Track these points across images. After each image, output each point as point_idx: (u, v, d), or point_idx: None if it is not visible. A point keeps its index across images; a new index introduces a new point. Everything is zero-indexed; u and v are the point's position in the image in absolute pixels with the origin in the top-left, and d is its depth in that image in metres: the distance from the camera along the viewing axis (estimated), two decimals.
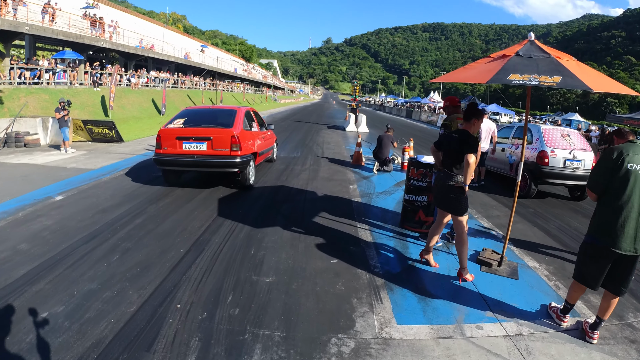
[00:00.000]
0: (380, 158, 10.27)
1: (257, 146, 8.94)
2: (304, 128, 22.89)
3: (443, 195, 4.47)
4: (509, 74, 3.68)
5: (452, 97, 5.55)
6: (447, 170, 4.43)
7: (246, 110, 9.04)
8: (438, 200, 4.63)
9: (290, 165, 10.92)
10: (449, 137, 4.50)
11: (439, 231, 4.86)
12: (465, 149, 4.18)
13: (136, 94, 29.00)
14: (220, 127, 7.95)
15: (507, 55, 4.14)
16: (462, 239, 4.46)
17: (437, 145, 4.63)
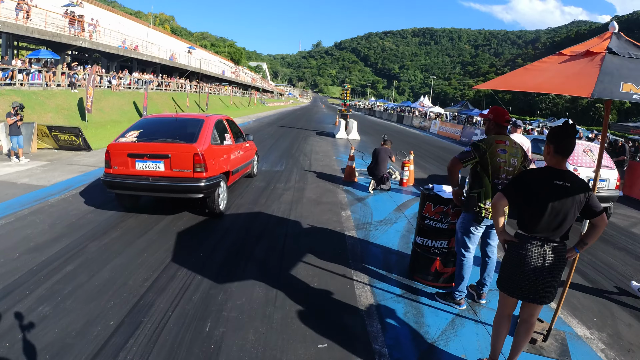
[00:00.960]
0: (377, 175, 8.80)
1: (230, 163, 7.44)
2: (291, 134, 21.37)
3: (549, 279, 2.80)
4: (619, 83, 2.29)
5: (500, 109, 4.05)
6: (551, 239, 2.81)
7: (217, 119, 7.52)
8: (539, 287, 2.82)
9: (273, 182, 9.40)
10: (544, 184, 2.73)
11: (507, 329, 3.16)
12: (593, 206, 2.74)
13: (117, 96, 27.63)
14: (181, 141, 6.43)
15: (593, 52, 2.74)
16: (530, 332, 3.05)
17: (519, 196, 2.82)
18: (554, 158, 2.77)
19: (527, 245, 2.80)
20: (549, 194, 2.70)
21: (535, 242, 2.78)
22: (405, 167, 9.75)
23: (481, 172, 3.86)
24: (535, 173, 2.83)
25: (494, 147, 3.76)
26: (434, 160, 15.77)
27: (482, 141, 3.86)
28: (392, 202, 8.22)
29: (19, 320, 3.50)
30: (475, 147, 3.85)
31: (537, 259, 2.78)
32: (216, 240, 5.64)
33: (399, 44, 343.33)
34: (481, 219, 3.89)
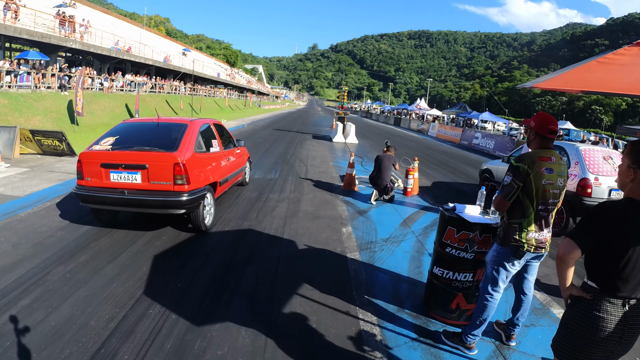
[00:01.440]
0: (380, 185, 8.04)
1: (217, 173, 6.69)
2: (286, 138, 20.61)
3: (627, 346, 2.14)
4: None
5: (546, 115, 3.26)
6: (633, 296, 2.06)
7: (203, 124, 6.76)
8: (613, 357, 2.16)
9: (266, 191, 8.61)
10: (635, 223, 2.02)
11: None
12: None
13: (108, 98, 27.01)
14: (159, 150, 5.67)
15: None
16: None
17: (598, 242, 2.08)
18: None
19: (603, 305, 2.04)
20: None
21: (615, 300, 2.03)
22: (410, 175, 9.00)
23: (523, 197, 3.10)
24: (620, 208, 2.06)
25: (538, 167, 3.00)
26: (437, 165, 15.04)
27: (522, 160, 3.09)
28: (397, 215, 7.47)
29: None
30: (515, 172, 3.08)
31: (616, 322, 2.02)
32: (198, 265, 4.85)
33: (394, 46, 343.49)
34: (522, 253, 3.14)
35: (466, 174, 13.76)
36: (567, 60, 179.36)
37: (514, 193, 3.09)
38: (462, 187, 11.33)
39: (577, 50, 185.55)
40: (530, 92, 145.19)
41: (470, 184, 11.84)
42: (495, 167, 10.20)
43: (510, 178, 3.10)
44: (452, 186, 11.28)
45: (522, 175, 3.02)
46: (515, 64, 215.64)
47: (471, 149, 24.23)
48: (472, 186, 11.50)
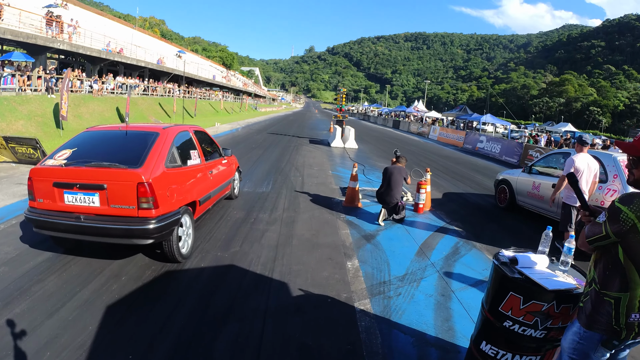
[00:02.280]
0: (389, 203, 6.85)
1: (197, 190, 5.58)
2: (281, 143, 19.39)
3: None
4: None
5: None
6: None
7: (179, 132, 5.60)
8: None
9: (255, 209, 7.38)
10: None
11: None
12: None
13: (98, 101, 25.90)
14: (121, 166, 4.56)
15: None
16: None
17: None
18: None
19: None
20: None
21: None
22: (422, 189, 7.81)
23: (625, 261, 1.93)
24: None
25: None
26: (444, 173, 13.87)
27: (628, 201, 1.92)
28: (411, 241, 6.27)
29: None
30: (613, 217, 1.91)
31: None
32: (160, 322, 3.64)
33: (391, 48, 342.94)
34: (616, 345, 1.97)
35: (477, 183, 12.60)
36: (564, 61, 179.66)
37: (601, 241, 1.99)
38: (476, 199, 10.15)
39: (574, 51, 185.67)
40: (527, 93, 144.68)
41: (483, 195, 10.68)
42: (515, 179, 9.05)
43: (604, 219, 1.92)
44: (465, 198, 10.10)
45: (621, 226, 1.86)
46: (512, 66, 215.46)
47: (475, 154, 23.10)
48: (487, 198, 10.33)
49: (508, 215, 8.65)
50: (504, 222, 8.13)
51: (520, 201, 8.84)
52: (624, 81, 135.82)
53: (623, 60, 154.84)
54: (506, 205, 9.22)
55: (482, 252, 6.11)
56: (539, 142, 25.17)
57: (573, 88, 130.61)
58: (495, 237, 6.96)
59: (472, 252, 6.07)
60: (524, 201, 8.69)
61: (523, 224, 8.02)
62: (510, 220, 8.27)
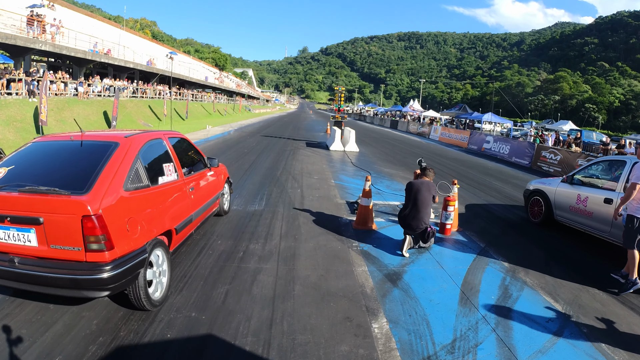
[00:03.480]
0: (416, 228, 5.39)
1: (174, 214, 4.28)
2: (276, 147, 17.87)
3: None
4: None
5: None
6: None
7: (148, 140, 4.27)
8: None
9: (244, 237, 5.84)
10: None
11: None
12: None
13: (84, 105, 24.50)
14: (61, 191, 3.24)
15: None
16: None
17: None
18: None
19: None
20: None
21: None
22: (450, 206, 6.35)
23: None
24: None
25: None
26: (458, 179, 12.43)
27: None
28: (447, 279, 4.82)
29: None
30: None
31: None
32: None
33: (384, 48, 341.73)
34: None
35: (496, 191, 11.19)
36: (557, 59, 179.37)
37: None
38: (503, 212, 8.73)
39: (567, 49, 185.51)
40: (522, 91, 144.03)
41: (508, 207, 9.27)
42: (552, 190, 7.65)
43: None
44: (491, 211, 8.67)
45: None
46: (506, 64, 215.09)
47: (482, 155, 21.72)
48: (514, 210, 8.92)
49: (547, 234, 7.24)
50: (545, 243, 6.71)
51: (559, 216, 7.45)
52: (618, 78, 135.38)
53: (616, 57, 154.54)
54: (541, 220, 7.84)
55: (536, 292, 4.73)
56: (546, 142, 23.84)
57: (568, 85, 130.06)
58: (545, 267, 5.56)
59: (525, 294, 4.67)
60: (564, 217, 7.30)
61: (569, 246, 6.62)
62: (552, 241, 6.87)
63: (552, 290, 4.85)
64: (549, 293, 4.76)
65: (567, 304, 4.52)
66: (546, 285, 4.97)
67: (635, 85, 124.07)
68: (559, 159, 16.37)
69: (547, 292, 4.79)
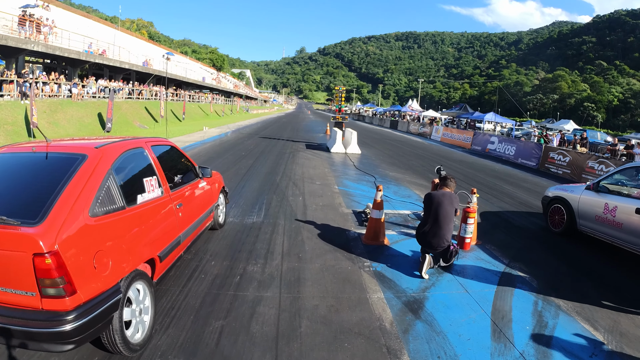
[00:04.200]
0: (437, 247, 4.76)
1: (156, 239, 3.64)
2: (275, 149, 17.23)
3: None
4: None
5: None
6: None
7: (125, 151, 3.64)
8: None
9: (242, 257, 5.18)
10: None
11: None
12: None
13: (78, 107, 23.98)
14: (9, 221, 2.56)
15: None
16: None
17: None
18: None
19: None
20: None
21: None
22: (470, 218, 5.72)
23: None
24: None
25: None
26: (467, 183, 11.82)
27: None
28: (475, 307, 4.20)
29: None
30: None
31: None
32: None
33: (382, 48, 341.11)
34: None
35: (509, 196, 10.58)
36: (555, 58, 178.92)
37: None
38: (521, 220, 8.12)
39: (565, 48, 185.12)
40: (521, 90, 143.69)
41: (524, 214, 8.67)
42: (575, 198, 7.05)
43: None
44: (507, 220, 8.06)
45: None
46: (504, 63, 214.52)
47: (486, 156, 21.11)
48: (531, 218, 8.31)
49: (571, 247, 6.64)
50: (571, 258, 6.11)
51: (583, 226, 6.85)
52: (616, 76, 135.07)
53: (614, 55, 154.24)
54: (562, 230, 7.24)
55: (573, 319, 4.18)
56: (550, 142, 23.25)
57: (566, 84, 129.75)
58: (576, 286, 4.98)
59: (561, 321, 4.12)
60: (589, 227, 6.69)
61: (597, 261, 6.03)
62: (578, 254, 6.28)
63: (589, 316, 4.26)
64: (586, 319, 4.18)
65: (607, 332, 3.95)
66: (582, 310, 4.38)
67: (634, 83, 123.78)
68: (568, 161, 15.76)
69: (584, 318, 4.21)
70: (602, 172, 13.94)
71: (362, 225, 6.60)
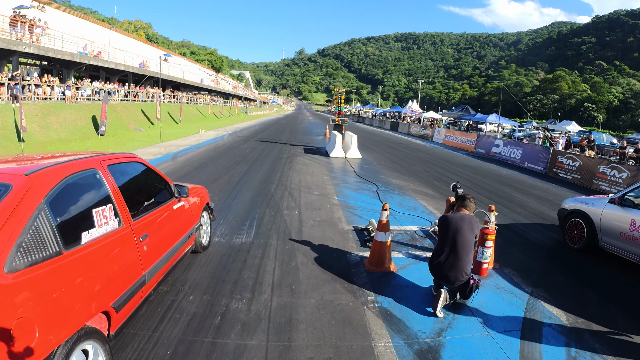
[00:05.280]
0: (454, 281, 4.05)
1: (109, 286, 2.88)
2: (271, 154, 16.51)
3: None
4: None
5: None
6: None
7: (67, 176, 2.91)
8: None
9: (225, 288, 4.44)
10: None
11: None
12: None
13: (71, 109, 23.34)
14: None
15: None
16: None
17: None
18: None
19: None
20: None
21: None
22: (488, 240, 5.01)
23: None
24: None
25: None
26: (475, 191, 11.12)
27: None
28: (500, 355, 3.50)
29: None
30: None
31: None
32: None
33: (382, 49, 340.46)
34: None
35: (520, 205, 9.88)
36: (555, 58, 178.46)
37: None
38: (536, 235, 7.42)
39: (564, 48, 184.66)
40: (521, 91, 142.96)
41: (538, 226, 7.99)
42: (597, 212, 6.39)
43: None
44: (523, 235, 7.36)
45: None
46: (503, 64, 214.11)
47: (491, 159, 20.41)
48: (547, 232, 7.61)
49: (596, 268, 5.98)
50: (598, 282, 5.46)
51: (606, 243, 6.19)
52: (616, 77, 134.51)
53: (614, 55, 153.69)
54: (582, 246, 6.58)
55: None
56: (556, 145, 22.57)
57: (566, 85, 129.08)
58: (610, 320, 4.32)
59: None
60: (613, 245, 6.04)
61: (628, 285, 5.37)
62: (605, 277, 5.62)
63: None
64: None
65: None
66: (621, 350, 3.70)
67: (634, 84, 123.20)
68: (578, 166, 15.05)
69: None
70: (615, 177, 13.25)
71: (365, 247, 5.88)
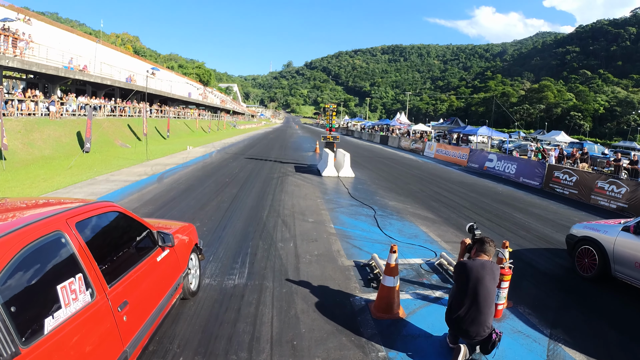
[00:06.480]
0: (475, 336, 3.62)
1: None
2: (262, 173, 16.02)
3: None
4: None
5: None
6: None
7: (25, 246, 2.30)
8: None
9: (217, 349, 3.87)
10: None
11: None
12: None
13: (56, 125, 22.75)
14: None
15: None
16: None
17: None
18: None
19: None
20: None
21: None
22: (504, 281, 4.59)
23: None
24: None
25: None
26: (475, 212, 10.75)
27: None
28: None
29: None
30: None
31: None
32: None
33: (369, 61, 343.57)
34: None
35: (523, 227, 9.53)
36: (540, 68, 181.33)
37: None
38: (544, 264, 7.04)
39: (549, 58, 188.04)
40: (507, 101, 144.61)
41: (544, 252, 7.63)
42: (610, 240, 6.07)
43: None
44: (530, 264, 6.97)
45: None
46: (489, 74, 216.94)
47: (485, 174, 20.15)
48: (557, 259, 7.24)
49: (611, 299, 5.66)
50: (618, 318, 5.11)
51: (620, 273, 5.86)
52: (601, 85, 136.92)
53: (598, 64, 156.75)
54: (594, 275, 6.24)
55: None
56: (549, 158, 22.45)
57: (552, 94, 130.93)
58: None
59: None
60: (629, 275, 5.71)
61: None
62: (624, 312, 5.29)
63: None
64: None
65: None
66: None
67: (618, 91, 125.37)
68: (575, 181, 14.82)
69: None
70: (614, 192, 13.02)
71: (369, 287, 5.42)
